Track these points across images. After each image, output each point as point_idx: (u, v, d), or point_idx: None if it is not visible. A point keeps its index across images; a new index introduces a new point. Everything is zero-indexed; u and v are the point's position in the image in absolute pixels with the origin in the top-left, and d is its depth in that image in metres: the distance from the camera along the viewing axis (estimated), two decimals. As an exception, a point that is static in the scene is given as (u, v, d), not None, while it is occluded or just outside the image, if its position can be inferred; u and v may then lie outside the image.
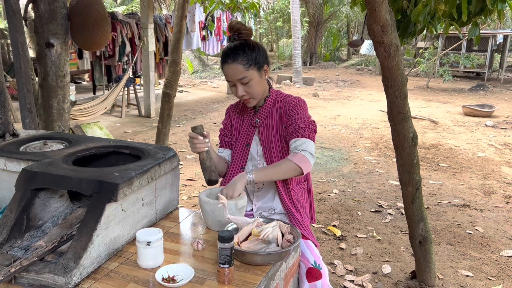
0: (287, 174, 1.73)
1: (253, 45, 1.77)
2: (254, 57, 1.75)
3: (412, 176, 2.49)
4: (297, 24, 13.28)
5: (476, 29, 2.74)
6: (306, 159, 1.71)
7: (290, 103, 1.82)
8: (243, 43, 1.77)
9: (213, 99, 10.42)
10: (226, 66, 1.76)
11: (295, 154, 1.72)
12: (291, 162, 1.70)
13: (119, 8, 14.73)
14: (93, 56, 8.39)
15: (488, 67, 13.70)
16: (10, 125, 2.09)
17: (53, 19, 2.69)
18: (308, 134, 1.76)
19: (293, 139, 1.77)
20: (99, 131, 5.67)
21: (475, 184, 4.67)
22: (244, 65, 1.73)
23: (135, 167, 1.61)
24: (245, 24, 1.85)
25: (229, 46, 1.78)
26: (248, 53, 1.74)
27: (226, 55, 1.76)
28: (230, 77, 1.76)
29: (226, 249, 1.31)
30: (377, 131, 7.14)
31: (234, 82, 1.76)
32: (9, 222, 1.46)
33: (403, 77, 2.24)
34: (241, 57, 1.73)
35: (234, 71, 1.74)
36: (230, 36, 1.83)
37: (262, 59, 1.78)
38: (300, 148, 1.73)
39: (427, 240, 2.60)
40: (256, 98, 1.82)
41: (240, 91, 1.77)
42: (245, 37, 1.80)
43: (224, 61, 1.77)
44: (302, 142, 1.74)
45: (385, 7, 1.97)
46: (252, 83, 1.76)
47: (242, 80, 1.74)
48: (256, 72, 1.76)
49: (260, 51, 1.78)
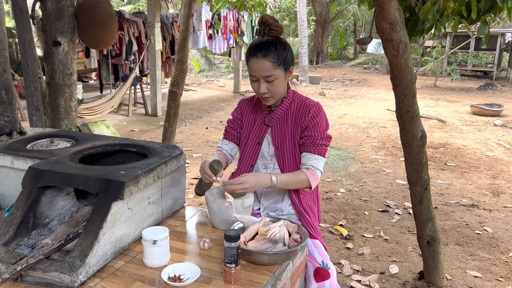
0: (299, 186, 1.80)
1: (284, 43, 1.73)
2: (284, 57, 1.70)
3: (420, 176, 2.46)
4: (303, 23, 13.24)
5: (486, 27, 2.70)
6: (317, 177, 1.77)
7: (310, 109, 1.78)
8: (275, 40, 1.71)
9: (219, 98, 10.42)
10: (254, 60, 1.69)
11: (312, 172, 1.76)
12: (306, 177, 1.74)
13: (126, 7, 14.78)
14: (100, 55, 8.42)
15: (496, 66, 13.57)
16: (17, 123, 2.09)
17: (60, 18, 2.69)
18: (323, 151, 1.79)
19: (309, 153, 1.77)
20: (106, 129, 5.68)
21: (483, 184, 4.62)
22: (274, 62, 1.68)
23: (141, 165, 1.61)
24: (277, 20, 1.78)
25: (261, 40, 1.72)
26: (280, 51, 1.69)
27: (256, 49, 1.69)
28: (256, 72, 1.70)
29: (232, 248, 1.29)
30: (384, 130, 7.09)
31: (259, 78, 1.71)
32: (15, 220, 1.46)
33: (412, 75, 2.22)
34: (272, 54, 1.67)
35: (262, 67, 1.68)
36: (259, 29, 1.75)
37: (290, 60, 1.74)
38: (315, 166, 1.76)
39: (436, 240, 2.57)
40: (275, 98, 1.78)
41: (263, 88, 1.72)
42: (275, 34, 1.74)
43: (253, 54, 1.70)
44: (317, 159, 1.77)
45: (394, 4, 1.95)
46: (277, 83, 1.71)
47: (268, 77, 1.69)
48: (283, 72, 1.71)
49: (290, 52, 1.74)
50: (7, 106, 2.04)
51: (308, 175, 1.74)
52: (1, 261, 1.32)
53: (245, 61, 1.78)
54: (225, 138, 1.97)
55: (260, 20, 1.77)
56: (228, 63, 16.68)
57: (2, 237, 1.41)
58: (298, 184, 1.77)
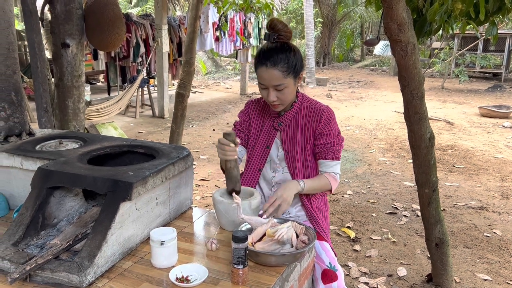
0: (322, 190, 1.87)
1: (294, 50, 1.69)
2: (294, 64, 1.67)
3: (428, 177, 2.44)
4: (310, 25, 13.23)
5: (494, 28, 2.68)
6: (338, 181, 1.85)
7: (322, 115, 1.78)
8: (284, 47, 1.68)
9: (226, 100, 10.44)
10: (263, 69, 1.67)
11: (334, 176, 1.83)
12: (329, 182, 1.81)
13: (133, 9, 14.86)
14: (108, 57, 8.47)
15: (505, 68, 13.46)
16: (27, 124, 2.11)
17: (69, 20, 2.72)
18: (340, 155, 1.85)
19: (327, 160, 1.81)
20: (114, 131, 5.71)
21: (492, 186, 4.58)
22: (283, 72, 1.65)
23: (149, 166, 1.61)
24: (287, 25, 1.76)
25: (270, 46, 1.68)
26: (290, 60, 1.66)
27: (266, 57, 1.66)
28: (266, 81, 1.68)
29: (240, 249, 1.29)
30: (391, 132, 7.06)
31: (268, 86, 1.69)
32: (25, 220, 1.47)
33: (420, 76, 2.20)
34: (282, 63, 1.64)
35: (272, 76, 1.66)
36: (268, 34, 1.71)
37: (300, 66, 1.71)
38: (335, 171, 1.83)
39: (444, 242, 2.55)
40: (285, 105, 1.77)
41: (272, 97, 1.70)
42: (284, 39, 1.71)
43: (262, 63, 1.67)
44: (335, 164, 1.82)
45: (402, 4, 1.94)
46: (287, 91, 1.70)
47: (277, 86, 1.67)
48: (292, 80, 1.70)
49: (300, 58, 1.71)
50: (16, 107, 2.05)
51: (330, 179, 1.81)
52: (11, 261, 1.33)
53: (254, 67, 1.76)
54: None
55: (268, 24, 1.73)
56: (235, 65, 16.71)
57: (11, 237, 1.42)
58: (321, 188, 1.83)
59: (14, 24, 2.08)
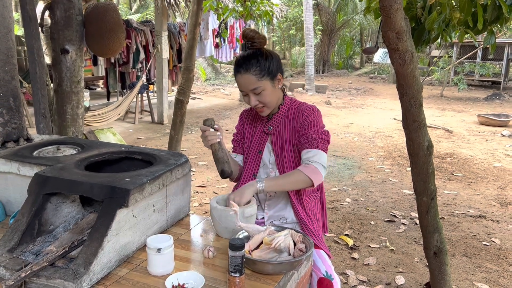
0: (297, 185, 1.70)
1: (266, 54, 1.74)
2: (267, 67, 1.72)
3: (427, 186, 2.44)
4: (310, 32, 13.29)
5: (492, 37, 2.69)
6: (318, 171, 1.68)
7: (304, 111, 1.79)
8: (256, 52, 1.74)
9: (225, 106, 10.45)
10: (239, 76, 1.74)
11: (307, 165, 1.69)
12: (303, 173, 1.67)
13: (133, 15, 14.92)
14: (108, 63, 8.49)
15: (504, 76, 13.51)
16: (24, 130, 2.11)
17: (68, 26, 2.72)
18: (321, 145, 1.73)
19: (305, 149, 1.74)
20: (112, 137, 5.71)
21: (491, 195, 4.57)
22: (257, 75, 1.70)
23: (146, 173, 1.61)
24: (259, 32, 1.82)
25: (242, 54, 1.76)
26: (261, 63, 1.71)
27: (238, 65, 1.73)
28: (243, 87, 1.75)
29: (237, 257, 1.28)
30: (390, 140, 7.06)
31: (247, 92, 1.75)
32: (21, 226, 1.46)
33: (419, 85, 2.21)
34: (254, 67, 1.70)
35: (246, 81, 1.72)
36: (243, 44, 1.79)
37: (275, 69, 1.75)
38: (312, 159, 1.70)
39: (442, 251, 2.54)
40: (270, 108, 1.79)
41: (253, 101, 1.75)
42: (258, 46, 1.77)
43: (237, 71, 1.74)
44: (314, 153, 1.71)
45: (401, 13, 1.95)
46: (265, 93, 1.73)
47: (254, 90, 1.72)
48: (269, 82, 1.73)
49: (274, 60, 1.75)
50: (14, 113, 2.05)
51: (305, 171, 1.67)
52: (6, 267, 1.32)
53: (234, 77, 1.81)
54: (234, 152, 1.99)
55: (241, 35, 1.80)
56: (234, 72, 16.72)
57: (7, 244, 1.41)
58: (294, 183, 1.69)
59: (13, 30, 2.09)
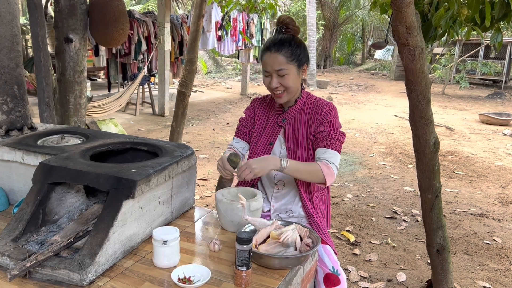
0: (312, 178, 1.69)
1: (299, 42, 1.75)
2: (298, 54, 1.72)
3: (432, 183, 2.42)
4: (312, 27, 13.23)
5: (499, 35, 2.67)
6: (333, 173, 1.69)
7: (323, 108, 1.77)
8: (290, 38, 1.74)
9: (226, 100, 10.41)
10: (267, 54, 1.72)
11: (327, 165, 1.68)
12: (320, 170, 1.66)
13: (136, 6, 14.83)
14: (109, 53, 8.43)
15: (505, 75, 13.48)
16: (28, 118, 2.08)
17: (72, 15, 2.69)
18: (338, 146, 1.74)
19: (322, 148, 1.73)
20: (114, 127, 5.69)
21: (492, 193, 4.57)
22: (287, 57, 1.70)
23: (152, 164, 1.59)
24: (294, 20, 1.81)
25: (276, 37, 1.75)
26: (293, 48, 1.71)
27: (271, 45, 1.72)
28: (269, 66, 1.72)
29: (244, 251, 1.27)
30: (391, 136, 7.05)
31: (271, 72, 1.72)
32: (25, 215, 1.44)
33: (427, 81, 2.19)
34: (286, 49, 1.70)
35: (275, 61, 1.70)
36: (277, 28, 1.79)
37: (304, 58, 1.75)
38: (330, 160, 1.70)
39: (445, 249, 2.53)
40: (289, 94, 1.76)
41: (274, 83, 1.72)
42: (292, 33, 1.77)
43: (267, 49, 1.73)
44: (331, 154, 1.71)
45: (412, 8, 1.92)
46: (288, 77, 1.71)
47: (279, 71, 1.70)
48: (295, 68, 1.72)
49: (305, 50, 1.76)
50: (18, 101, 2.03)
51: (322, 167, 1.66)
52: (10, 257, 1.30)
53: (260, 59, 1.79)
54: (237, 136, 1.95)
55: (278, 20, 1.80)
56: (236, 65, 16.68)
57: (11, 233, 1.40)
58: (310, 174, 1.67)
59: (18, 16, 2.06)
